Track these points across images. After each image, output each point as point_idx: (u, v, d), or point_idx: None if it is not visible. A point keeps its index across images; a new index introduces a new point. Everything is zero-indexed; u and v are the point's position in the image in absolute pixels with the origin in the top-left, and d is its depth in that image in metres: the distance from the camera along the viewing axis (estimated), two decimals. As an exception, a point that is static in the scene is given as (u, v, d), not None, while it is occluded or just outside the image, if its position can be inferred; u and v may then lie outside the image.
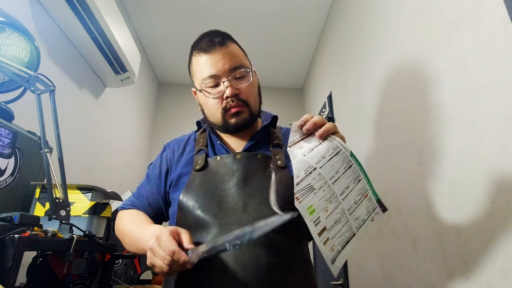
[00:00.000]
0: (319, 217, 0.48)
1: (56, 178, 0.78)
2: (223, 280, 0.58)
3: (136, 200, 0.79)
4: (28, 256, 0.73)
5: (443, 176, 0.89)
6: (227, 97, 0.69)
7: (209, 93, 0.70)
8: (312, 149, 0.53)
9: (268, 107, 0.88)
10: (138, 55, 2.00)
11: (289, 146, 0.54)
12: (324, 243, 0.47)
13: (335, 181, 0.51)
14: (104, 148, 1.98)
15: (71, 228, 0.78)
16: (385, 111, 1.29)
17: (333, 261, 0.47)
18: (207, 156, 0.73)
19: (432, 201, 0.93)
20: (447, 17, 0.90)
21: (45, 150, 0.78)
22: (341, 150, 0.54)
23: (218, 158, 0.71)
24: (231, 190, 0.66)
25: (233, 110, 0.70)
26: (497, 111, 0.70)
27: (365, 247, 1.42)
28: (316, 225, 0.47)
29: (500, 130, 0.69)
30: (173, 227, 0.56)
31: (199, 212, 0.65)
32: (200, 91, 0.72)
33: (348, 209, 0.50)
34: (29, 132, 0.94)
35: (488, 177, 0.72)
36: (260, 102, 0.78)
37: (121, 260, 1.38)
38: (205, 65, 0.69)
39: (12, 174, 0.85)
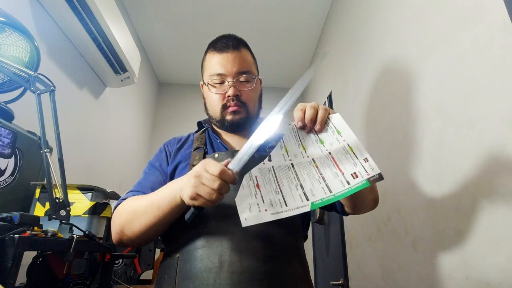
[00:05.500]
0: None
1: (56, 178, 0.79)
2: (221, 272, 0.58)
3: (137, 191, 0.74)
4: (28, 256, 0.73)
5: (443, 176, 0.89)
6: (228, 96, 0.74)
7: (214, 87, 0.76)
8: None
9: (268, 107, 0.89)
10: (138, 55, 2.00)
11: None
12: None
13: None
14: (104, 148, 1.98)
15: (71, 228, 0.78)
16: (385, 111, 1.29)
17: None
18: (205, 153, 0.75)
19: (432, 201, 0.93)
20: (447, 17, 0.90)
21: (45, 150, 0.79)
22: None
23: (216, 155, 0.73)
24: None
25: (231, 109, 0.76)
26: (497, 111, 0.70)
27: (365, 247, 1.42)
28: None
29: (500, 130, 0.69)
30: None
31: None
32: (207, 85, 0.78)
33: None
34: (29, 132, 0.94)
35: (488, 177, 0.72)
36: (260, 108, 0.84)
37: (121, 260, 1.38)
38: (215, 63, 0.76)
39: (12, 174, 0.85)
